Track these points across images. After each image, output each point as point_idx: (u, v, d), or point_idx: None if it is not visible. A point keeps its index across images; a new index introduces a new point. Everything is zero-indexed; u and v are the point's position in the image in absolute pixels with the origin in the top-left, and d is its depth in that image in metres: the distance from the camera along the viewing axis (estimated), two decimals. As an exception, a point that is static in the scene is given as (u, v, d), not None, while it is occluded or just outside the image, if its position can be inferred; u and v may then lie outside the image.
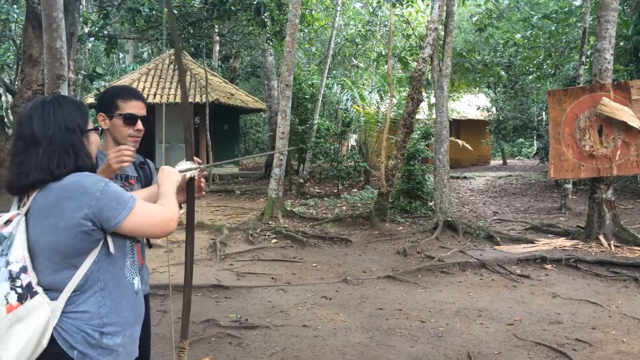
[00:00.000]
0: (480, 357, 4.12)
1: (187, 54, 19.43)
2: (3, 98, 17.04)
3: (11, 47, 13.92)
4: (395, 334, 4.60)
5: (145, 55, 28.98)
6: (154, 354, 4.16)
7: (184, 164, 2.11)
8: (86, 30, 14.27)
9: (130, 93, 2.31)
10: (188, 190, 2.16)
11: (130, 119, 2.27)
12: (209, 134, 16.04)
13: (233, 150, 19.60)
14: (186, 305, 2.17)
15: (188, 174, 2.09)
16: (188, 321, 2.18)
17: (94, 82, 13.66)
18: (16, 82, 11.23)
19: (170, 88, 17.83)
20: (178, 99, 17.04)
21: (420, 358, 4.10)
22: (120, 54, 28.63)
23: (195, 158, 2.13)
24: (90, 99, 16.18)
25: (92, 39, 16.09)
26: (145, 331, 2.40)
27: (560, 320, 4.92)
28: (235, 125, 20.93)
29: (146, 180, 2.49)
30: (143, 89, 17.56)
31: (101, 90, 10.83)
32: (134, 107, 2.29)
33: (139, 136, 2.33)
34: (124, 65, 28.24)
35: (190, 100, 17.02)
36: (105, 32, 14.37)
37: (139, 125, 2.30)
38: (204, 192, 2.26)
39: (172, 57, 18.76)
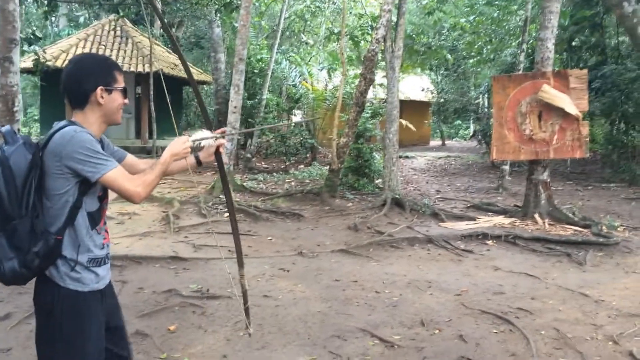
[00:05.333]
0: (432, 324, 4.41)
1: (127, 20, 18.78)
2: None
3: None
4: (352, 304, 4.83)
5: (81, 19, 27.68)
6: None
7: (200, 134, 2.26)
8: (24, -10, 13.54)
9: (117, 64, 2.19)
10: (217, 160, 2.39)
11: (126, 92, 2.17)
12: (152, 105, 15.65)
13: (176, 122, 19.22)
14: (237, 240, 2.55)
15: (204, 142, 2.25)
16: (241, 252, 2.57)
17: (32, 46, 13.06)
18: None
19: (110, 55, 17.20)
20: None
21: (377, 325, 4.34)
22: (53, 17, 27.20)
23: (221, 130, 2.34)
24: (24, 63, 15.38)
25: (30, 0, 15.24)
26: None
27: (503, 291, 5.30)
28: (179, 98, 20.50)
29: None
30: (87, 53, 16.88)
31: (39, 54, 10.31)
32: (122, 78, 2.18)
33: None
34: (57, 28, 26.90)
35: (132, 69, 16.54)
36: (44, -7, 13.67)
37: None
38: (211, 158, 2.40)
39: (113, 24, 18.08)
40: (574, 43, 15.95)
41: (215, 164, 2.48)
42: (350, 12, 17.49)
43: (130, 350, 2.36)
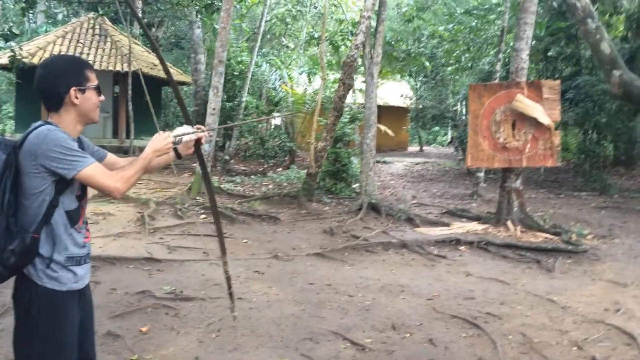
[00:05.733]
0: (403, 328, 4.48)
1: (106, 19, 18.62)
2: None
3: None
4: (325, 307, 4.88)
5: (59, 16, 27.33)
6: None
7: (181, 129, 2.33)
8: (0, -14, 13.34)
9: (88, 62, 2.21)
10: (197, 152, 2.50)
11: (99, 90, 2.19)
12: (131, 104, 15.52)
13: (154, 122, 19.09)
14: (219, 229, 2.78)
15: (185, 138, 2.33)
16: (223, 241, 2.84)
17: (9, 42, 12.89)
18: None
19: (89, 54, 17.01)
20: (97, 66, 16.33)
21: (350, 328, 4.40)
22: (31, 13, 26.79)
23: (199, 126, 2.42)
24: (0, 60, 15.17)
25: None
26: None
27: (473, 296, 5.40)
28: (158, 98, 20.37)
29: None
30: (59, 53, 16.67)
31: (16, 51, 10.20)
32: (95, 76, 2.19)
33: None
34: (34, 25, 26.52)
35: (110, 68, 16.42)
36: (21, -11, 13.50)
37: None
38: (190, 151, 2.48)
39: (92, 22, 17.92)
40: (550, 53, 16.29)
41: (194, 165, 2.57)
42: (332, 17, 17.60)
43: None
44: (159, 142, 2.21)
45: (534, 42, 14.67)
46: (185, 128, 2.37)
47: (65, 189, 2.05)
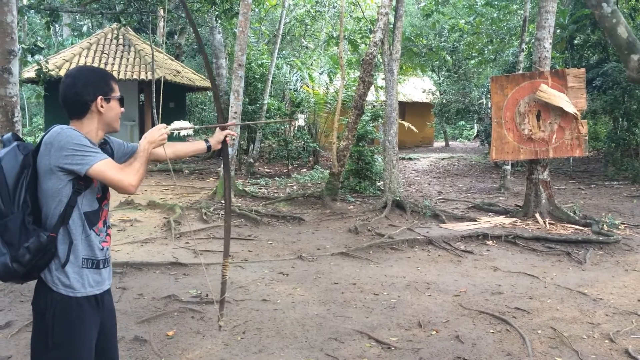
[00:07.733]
0: (429, 325, 4.43)
1: (130, 29, 18.92)
2: None
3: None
4: (350, 306, 4.86)
5: (84, 28, 27.91)
6: (118, 328, 4.24)
7: (178, 123, 2.38)
8: (25, 2, 13.66)
9: (112, 74, 2.28)
10: (222, 150, 2.69)
11: (122, 101, 2.28)
12: (155, 112, 15.76)
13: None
14: (227, 229, 2.83)
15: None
16: (229, 242, 2.80)
17: (35, 56, 13.17)
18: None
19: (113, 64, 17.35)
20: (122, 75, 16.63)
21: (375, 327, 4.37)
22: (57, 26, 27.42)
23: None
24: (28, 74, 15.56)
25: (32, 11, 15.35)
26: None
27: (501, 291, 5.31)
28: (182, 104, 20.63)
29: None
30: (85, 64, 16.99)
31: (42, 64, 10.44)
32: (118, 87, 2.28)
33: None
34: (61, 38, 27.13)
35: (135, 77, 16.68)
36: (46, 3, 13.79)
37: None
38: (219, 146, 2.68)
39: (115, 32, 18.23)
40: (575, 41, 15.93)
41: (219, 169, 2.65)
42: (350, 16, 17.54)
43: None
44: (154, 135, 2.25)
45: (558, 31, 14.38)
46: (183, 123, 2.42)
47: (84, 190, 2.08)
